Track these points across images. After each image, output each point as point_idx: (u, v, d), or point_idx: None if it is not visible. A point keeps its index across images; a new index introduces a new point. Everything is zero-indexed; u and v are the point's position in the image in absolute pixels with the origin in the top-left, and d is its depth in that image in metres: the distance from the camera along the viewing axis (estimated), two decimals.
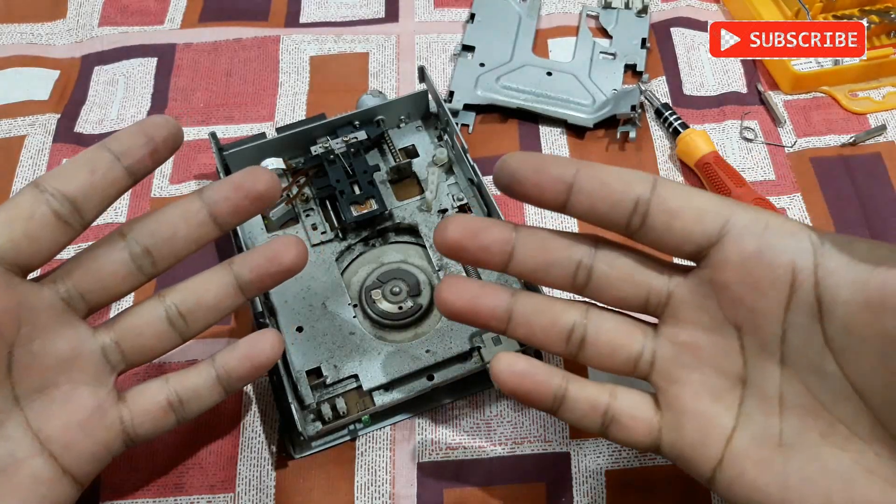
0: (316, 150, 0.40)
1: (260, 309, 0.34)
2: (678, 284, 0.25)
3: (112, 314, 0.33)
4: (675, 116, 0.44)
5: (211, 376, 0.28)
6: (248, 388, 0.36)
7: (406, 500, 0.33)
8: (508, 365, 0.26)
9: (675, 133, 0.43)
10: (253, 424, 0.34)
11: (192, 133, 0.45)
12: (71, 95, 0.47)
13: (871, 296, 0.20)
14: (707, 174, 0.41)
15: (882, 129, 0.44)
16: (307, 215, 0.39)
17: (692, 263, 0.25)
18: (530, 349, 0.33)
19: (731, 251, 0.23)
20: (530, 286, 0.34)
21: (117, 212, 0.41)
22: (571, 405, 0.26)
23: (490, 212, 0.38)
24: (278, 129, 0.41)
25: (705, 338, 0.24)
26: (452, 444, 0.34)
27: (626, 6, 0.50)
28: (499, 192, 0.42)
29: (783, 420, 0.23)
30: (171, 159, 0.44)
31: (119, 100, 0.47)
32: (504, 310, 0.26)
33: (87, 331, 0.26)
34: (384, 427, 0.34)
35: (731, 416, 0.24)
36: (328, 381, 0.34)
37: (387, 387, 0.34)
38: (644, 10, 0.50)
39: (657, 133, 0.45)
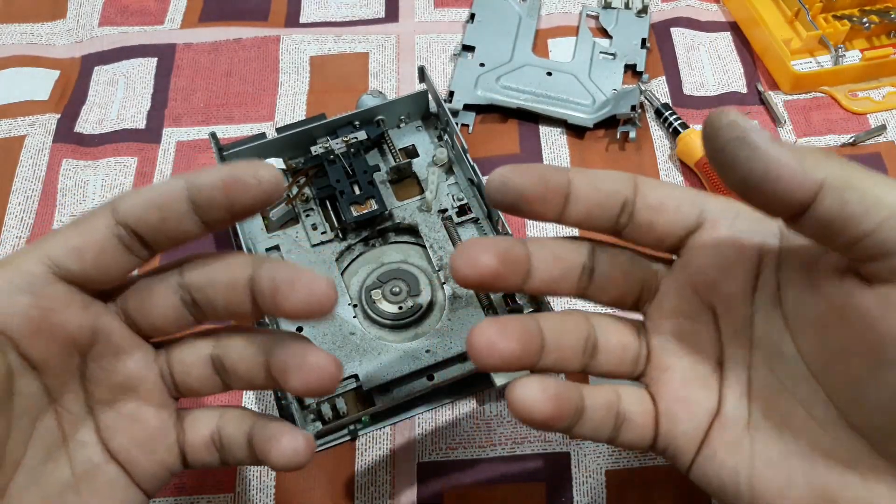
0: (316, 150, 0.40)
1: None
2: (664, 276, 0.25)
3: None
4: (675, 116, 0.44)
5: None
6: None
7: (406, 500, 0.33)
8: (542, 391, 0.23)
9: (675, 133, 0.43)
10: None
11: (192, 133, 0.45)
12: (71, 95, 0.47)
13: (813, 280, 0.22)
14: (707, 174, 0.41)
15: (882, 129, 0.44)
16: (307, 215, 0.39)
17: (674, 256, 0.25)
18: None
19: (706, 237, 0.24)
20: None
21: None
22: (591, 414, 0.24)
23: (490, 212, 0.38)
24: (278, 130, 0.41)
25: (687, 324, 0.25)
26: (452, 444, 0.34)
27: (626, 6, 0.50)
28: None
29: (752, 402, 0.24)
30: (171, 160, 0.44)
31: (119, 100, 0.47)
32: (539, 341, 0.24)
33: (152, 354, 0.25)
34: (384, 427, 0.34)
35: (714, 401, 0.24)
36: None
37: (387, 387, 0.34)
38: (644, 10, 0.50)
39: (657, 133, 0.45)
